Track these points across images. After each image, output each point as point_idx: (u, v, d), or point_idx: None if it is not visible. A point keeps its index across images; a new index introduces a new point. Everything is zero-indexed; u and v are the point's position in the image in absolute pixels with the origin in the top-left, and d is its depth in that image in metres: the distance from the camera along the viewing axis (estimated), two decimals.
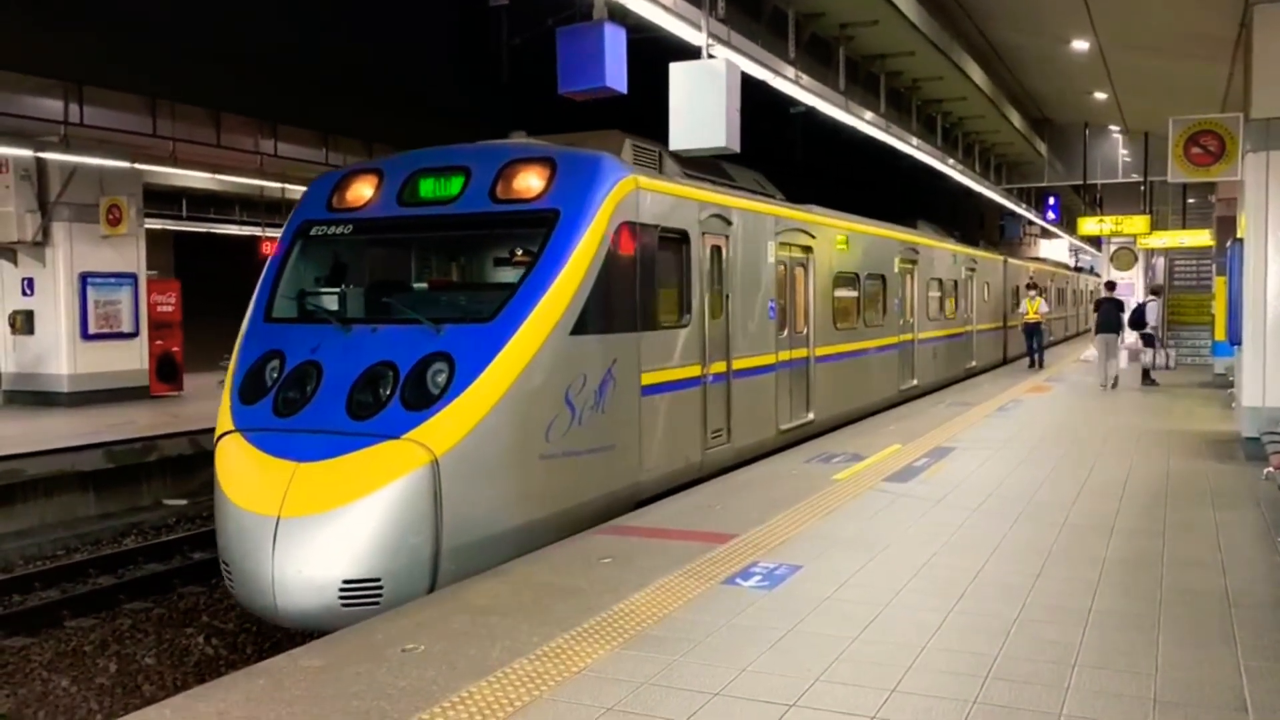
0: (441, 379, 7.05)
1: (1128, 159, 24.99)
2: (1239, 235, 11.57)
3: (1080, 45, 15.27)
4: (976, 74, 16.90)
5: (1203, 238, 23.31)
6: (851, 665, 4.81)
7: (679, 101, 8.32)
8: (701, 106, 8.26)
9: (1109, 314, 18.57)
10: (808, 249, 12.66)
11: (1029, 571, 6.36)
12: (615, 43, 8.42)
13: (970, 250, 22.27)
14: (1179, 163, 12.16)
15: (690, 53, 8.73)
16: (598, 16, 8.35)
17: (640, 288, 8.59)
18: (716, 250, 10.13)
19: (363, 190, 8.64)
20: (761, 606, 5.68)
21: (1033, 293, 23.25)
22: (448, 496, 6.64)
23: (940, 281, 19.36)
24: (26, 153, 15.73)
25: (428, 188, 8.38)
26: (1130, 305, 20.53)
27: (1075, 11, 13.20)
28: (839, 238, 13.84)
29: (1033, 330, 22.62)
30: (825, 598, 5.84)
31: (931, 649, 5.00)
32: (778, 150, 18.31)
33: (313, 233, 8.64)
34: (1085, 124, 23.82)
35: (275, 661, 5.01)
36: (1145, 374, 19.15)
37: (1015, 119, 21.43)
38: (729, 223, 10.35)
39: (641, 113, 10.06)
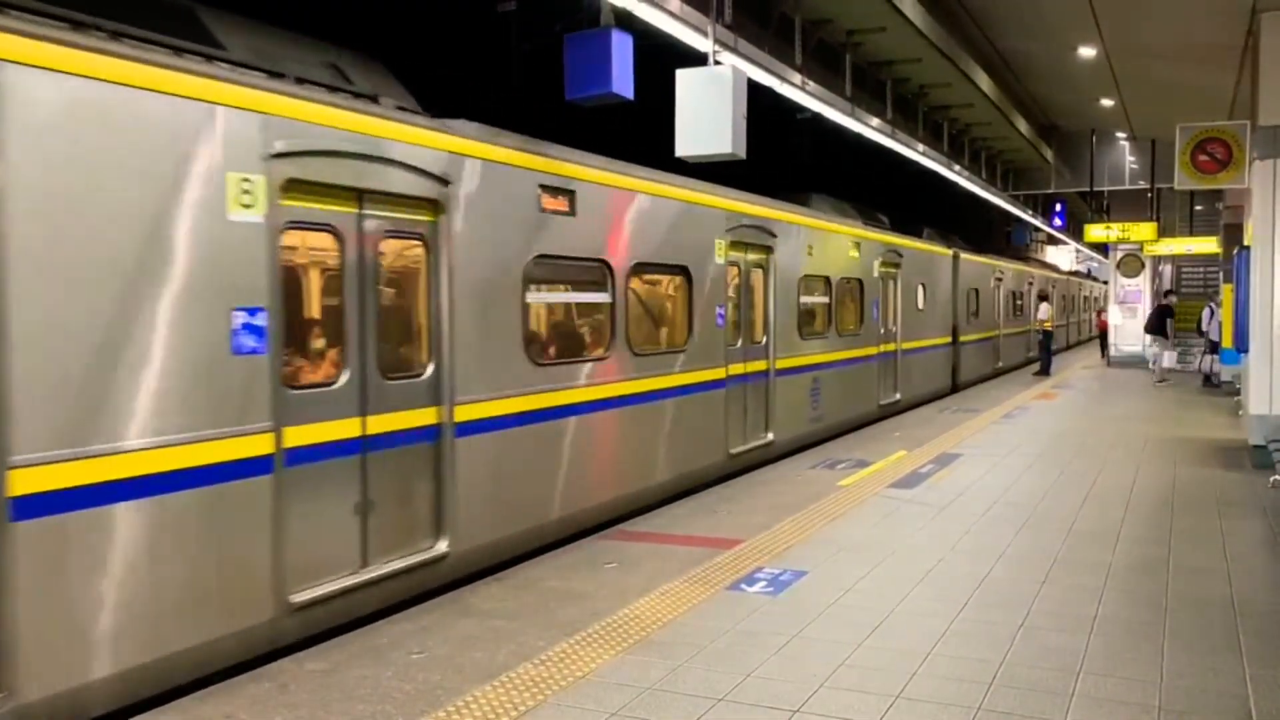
0: None
1: (1135, 166, 24.97)
2: (1246, 243, 11.57)
3: (1087, 52, 15.27)
4: (983, 81, 16.90)
5: (1210, 245, 23.31)
6: (856, 671, 4.81)
7: (686, 108, 8.35)
8: (708, 113, 8.28)
9: (1154, 318, 20.75)
10: (434, 205, 6.56)
11: (1034, 578, 6.35)
12: (622, 49, 8.44)
13: (891, 238, 15.86)
14: (1186, 170, 12.15)
15: (697, 59, 8.75)
16: (605, 23, 8.38)
17: None
18: None
19: None
20: (766, 612, 5.69)
21: (1044, 303, 23.76)
22: None
23: (828, 281, 13.23)
24: None
25: None
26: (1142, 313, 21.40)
27: (1082, 19, 13.20)
28: (539, 193, 7.63)
29: (1045, 338, 23.29)
30: (830, 603, 5.84)
31: (936, 655, 5.00)
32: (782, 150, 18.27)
33: None
34: (1092, 131, 23.79)
35: (280, 665, 5.03)
36: (1206, 378, 19.86)
37: (1022, 126, 21.43)
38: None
39: (649, 119, 10.07)
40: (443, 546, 6.51)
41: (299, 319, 5.88)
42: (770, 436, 11.48)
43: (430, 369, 6.56)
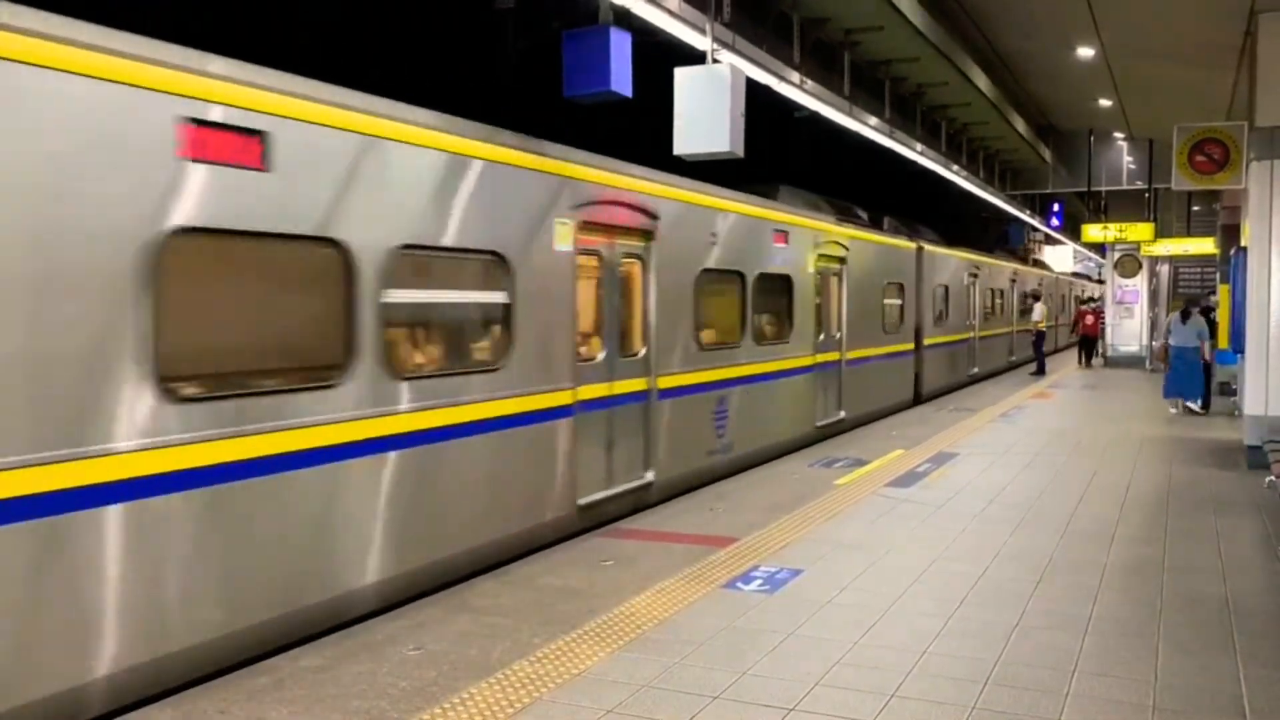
0: None
1: (1132, 166, 25.01)
2: (1243, 243, 11.59)
3: (1085, 52, 15.29)
4: (981, 80, 16.92)
5: (1207, 246, 23.36)
6: (851, 669, 4.81)
7: (684, 106, 8.35)
8: (706, 111, 8.28)
9: None
10: None
11: (1030, 578, 6.36)
12: (620, 47, 8.44)
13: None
14: (1183, 170, 12.17)
15: (695, 57, 8.75)
16: (603, 21, 8.38)
17: None
18: None
19: None
20: (762, 610, 5.69)
21: (1037, 303, 23.93)
22: None
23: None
24: None
25: None
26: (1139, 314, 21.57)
27: (1080, 18, 13.22)
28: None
29: (1038, 337, 23.51)
30: (826, 602, 5.85)
31: (932, 654, 5.01)
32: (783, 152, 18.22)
33: None
34: (1090, 131, 23.83)
35: (276, 661, 5.03)
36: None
37: (1020, 125, 21.45)
38: None
39: (647, 117, 10.06)
40: None
41: None
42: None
43: None
